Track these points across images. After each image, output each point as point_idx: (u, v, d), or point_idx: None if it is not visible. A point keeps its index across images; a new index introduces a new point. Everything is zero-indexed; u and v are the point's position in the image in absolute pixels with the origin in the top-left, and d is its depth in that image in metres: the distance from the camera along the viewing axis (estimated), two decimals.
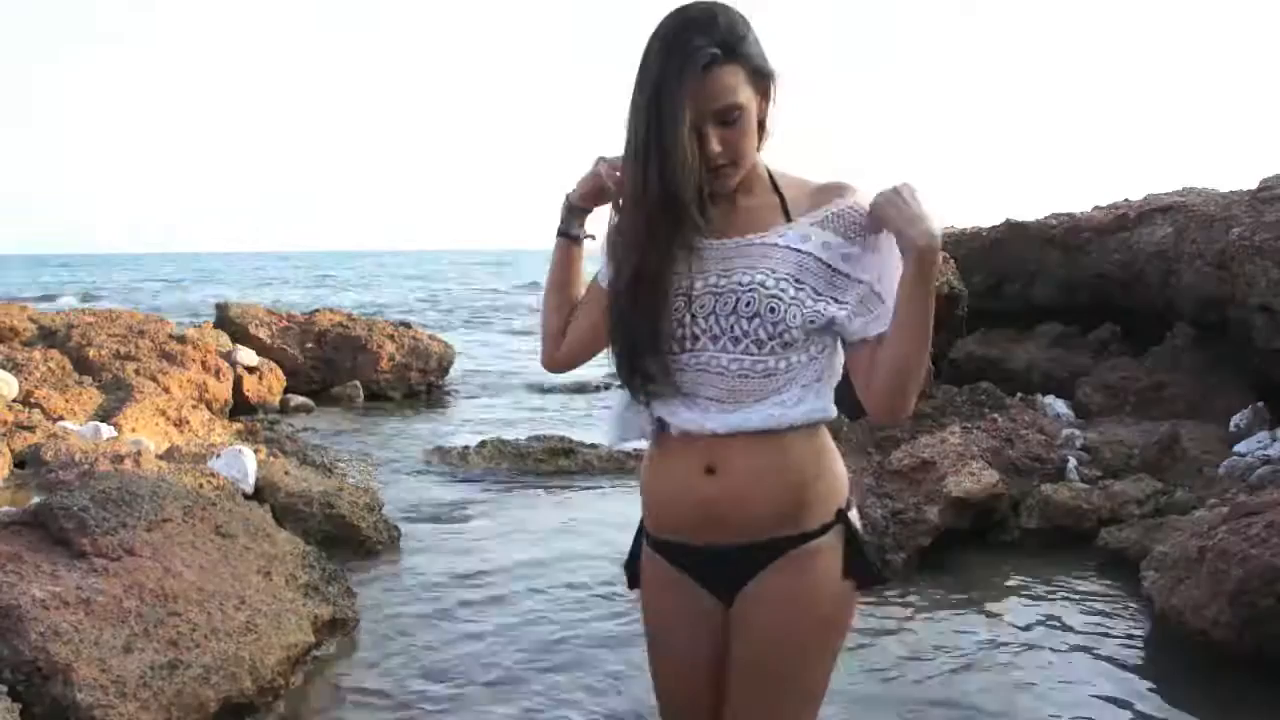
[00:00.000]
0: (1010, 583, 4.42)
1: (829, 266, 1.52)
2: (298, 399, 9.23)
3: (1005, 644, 3.73)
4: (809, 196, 1.56)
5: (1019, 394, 6.96)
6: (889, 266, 1.54)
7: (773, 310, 1.49)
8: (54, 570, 3.08)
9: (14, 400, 6.11)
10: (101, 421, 5.96)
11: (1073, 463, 5.38)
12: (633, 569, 1.76)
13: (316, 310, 10.84)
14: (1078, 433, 5.83)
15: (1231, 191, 7.19)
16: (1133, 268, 7.77)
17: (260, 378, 8.97)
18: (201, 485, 4.17)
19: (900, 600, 4.22)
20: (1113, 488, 5.06)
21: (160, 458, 5.09)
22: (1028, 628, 3.89)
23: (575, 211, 1.71)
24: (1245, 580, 3.30)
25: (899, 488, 4.99)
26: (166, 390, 7.29)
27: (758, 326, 1.50)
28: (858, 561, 1.60)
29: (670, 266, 1.53)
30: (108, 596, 3.02)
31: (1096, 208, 8.74)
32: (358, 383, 9.86)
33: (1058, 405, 6.95)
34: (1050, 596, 4.23)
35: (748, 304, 1.50)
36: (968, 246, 8.99)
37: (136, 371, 7.51)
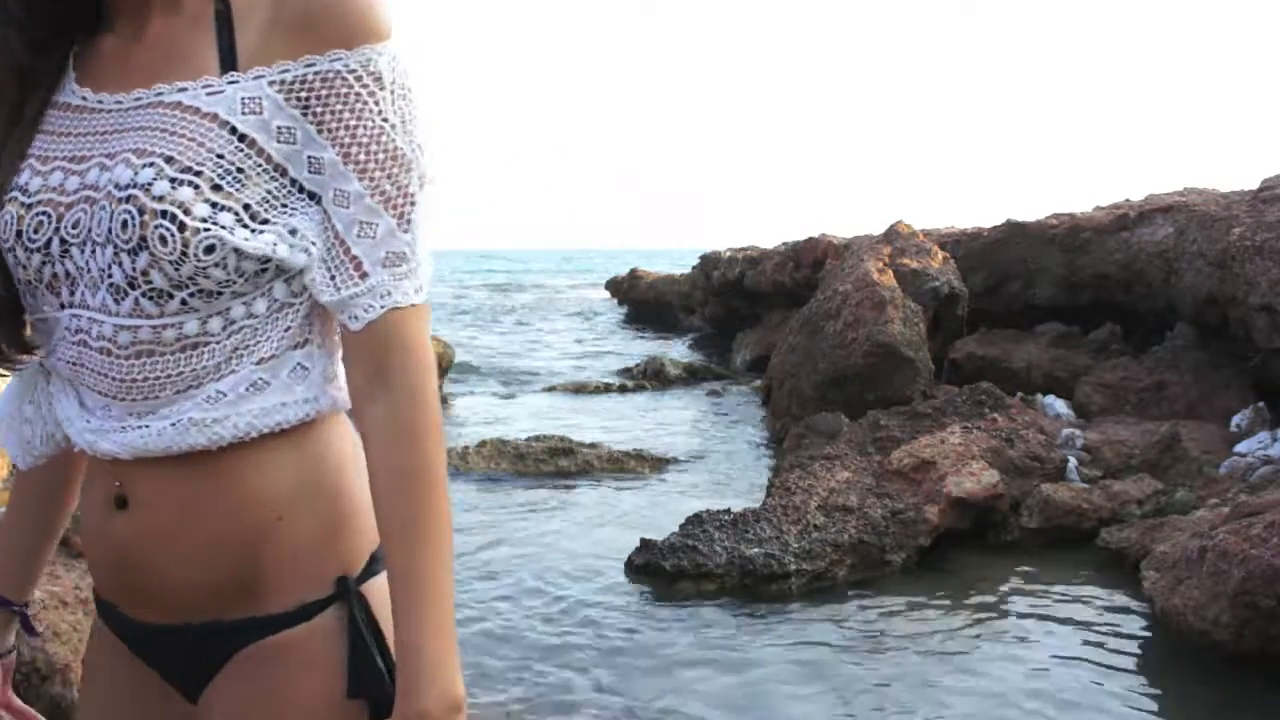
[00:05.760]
0: (1010, 583, 4.42)
1: (275, 166, 0.86)
2: None
3: (1005, 644, 3.73)
4: (271, 6, 0.87)
5: (1019, 394, 6.95)
6: (376, 202, 0.87)
7: (164, 241, 0.82)
8: (52, 570, 3.07)
9: None
10: None
11: (1073, 463, 5.38)
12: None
13: None
14: (1078, 433, 5.83)
15: (1232, 191, 7.19)
16: (1133, 268, 7.77)
17: None
18: None
19: (900, 600, 4.21)
20: (1113, 488, 5.06)
21: None
22: (1027, 628, 3.89)
23: None
24: (1246, 580, 3.29)
25: (899, 488, 4.98)
26: None
27: (149, 266, 0.83)
28: (368, 669, 0.90)
29: (17, 137, 0.91)
30: None
31: (1097, 208, 8.74)
32: None
33: (1058, 405, 6.94)
34: (1050, 596, 4.22)
35: (124, 225, 0.83)
36: (968, 246, 8.99)
37: None
